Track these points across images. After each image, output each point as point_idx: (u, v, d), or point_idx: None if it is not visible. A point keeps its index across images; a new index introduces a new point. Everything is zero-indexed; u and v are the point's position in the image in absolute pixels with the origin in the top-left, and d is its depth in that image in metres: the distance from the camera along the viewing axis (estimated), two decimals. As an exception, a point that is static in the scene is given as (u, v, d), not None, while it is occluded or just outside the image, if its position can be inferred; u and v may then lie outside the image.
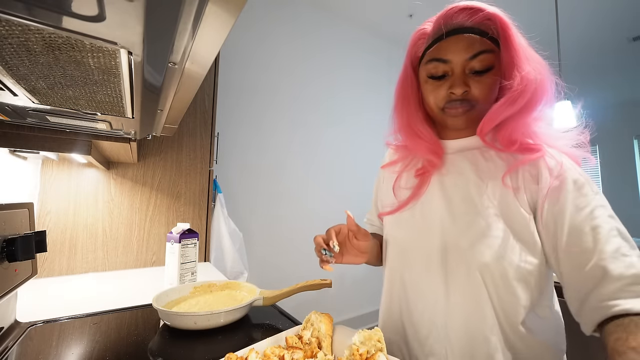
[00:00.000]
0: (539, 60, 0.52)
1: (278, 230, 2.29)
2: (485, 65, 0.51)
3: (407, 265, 0.61)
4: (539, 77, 0.49)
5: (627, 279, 0.41)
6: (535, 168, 0.51)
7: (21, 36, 0.31)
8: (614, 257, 0.43)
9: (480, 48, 0.50)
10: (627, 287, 0.41)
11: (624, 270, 0.41)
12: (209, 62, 0.41)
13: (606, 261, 0.43)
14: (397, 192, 0.66)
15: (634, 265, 0.42)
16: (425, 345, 0.57)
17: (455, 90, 0.52)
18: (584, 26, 2.78)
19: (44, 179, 1.13)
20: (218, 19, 0.30)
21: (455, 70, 0.53)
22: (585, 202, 0.46)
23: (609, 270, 0.42)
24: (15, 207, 0.62)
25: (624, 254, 0.43)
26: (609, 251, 0.43)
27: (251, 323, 0.72)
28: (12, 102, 0.53)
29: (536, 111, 0.51)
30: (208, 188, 1.50)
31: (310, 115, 2.51)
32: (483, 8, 0.51)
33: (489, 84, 0.51)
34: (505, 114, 0.50)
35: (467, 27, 0.51)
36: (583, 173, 0.50)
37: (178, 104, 0.60)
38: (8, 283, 0.58)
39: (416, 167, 0.64)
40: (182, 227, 0.98)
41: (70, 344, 0.62)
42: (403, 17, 2.75)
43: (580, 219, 0.46)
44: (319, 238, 0.61)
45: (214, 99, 1.54)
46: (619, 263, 0.42)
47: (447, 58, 0.53)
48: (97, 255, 1.21)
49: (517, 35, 0.51)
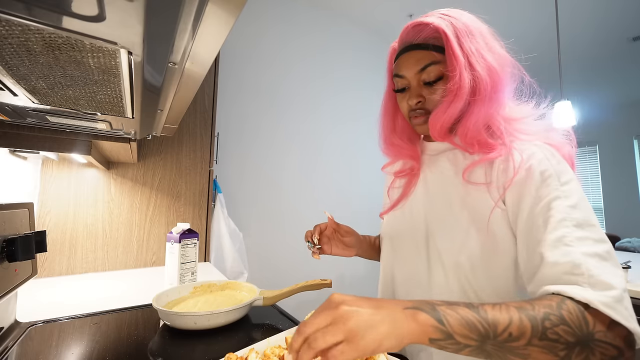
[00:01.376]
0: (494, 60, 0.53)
1: (278, 230, 2.29)
2: (434, 76, 0.55)
3: (397, 260, 0.67)
4: (476, 83, 0.51)
5: (562, 267, 0.41)
6: (506, 162, 0.52)
7: (21, 36, 0.31)
8: (554, 246, 0.42)
9: (427, 61, 0.55)
10: (562, 276, 0.40)
11: (559, 258, 0.41)
12: (209, 62, 0.41)
13: (545, 248, 0.43)
14: (390, 192, 0.74)
15: (571, 254, 0.40)
16: None
17: (411, 102, 0.58)
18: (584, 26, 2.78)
19: (44, 179, 1.13)
20: (218, 19, 0.30)
21: (411, 83, 0.58)
22: (546, 192, 0.46)
23: (545, 258, 0.42)
24: (15, 207, 0.62)
25: (567, 243, 0.42)
26: (551, 239, 0.43)
27: (251, 323, 0.72)
28: (12, 102, 0.53)
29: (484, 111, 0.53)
30: (208, 188, 1.50)
31: (310, 115, 2.51)
32: (429, 23, 0.55)
33: (441, 92, 0.55)
34: (443, 119, 0.54)
35: (415, 44, 0.56)
36: (556, 163, 0.49)
37: (178, 104, 0.60)
38: (8, 283, 0.58)
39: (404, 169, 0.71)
40: (182, 227, 0.98)
41: (70, 344, 0.62)
42: (403, 17, 2.75)
43: (537, 210, 0.46)
44: (308, 232, 0.71)
45: (214, 99, 1.54)
46: (557, 251, 0.42)
47: (402, 74, 0.58)
48: (97, 255, 1.21)
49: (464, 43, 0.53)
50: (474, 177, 0.55)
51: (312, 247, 0.70)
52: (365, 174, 2.75)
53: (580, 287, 0.38)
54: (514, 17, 2.70)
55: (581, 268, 0.39)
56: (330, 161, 2.60)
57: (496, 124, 0.54)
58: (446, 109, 0.53)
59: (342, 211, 2.59)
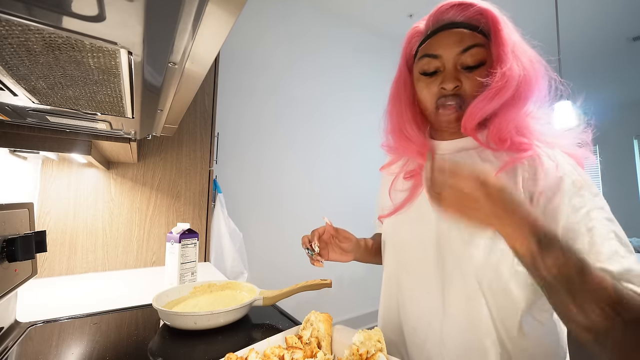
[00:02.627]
0: (532, 57, 0.51)
1: (278, 230, 2.29)
2: (476, 60, 0.50)
3: (403, 269, 0.62)
4: (523, 73, 0.48)
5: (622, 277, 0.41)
6: (532, 167, 0.50)
7: (21, 36, 0.31)
8: (611, 259, 0.42)
9: (470, 42, 0.50)
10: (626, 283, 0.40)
11: (622, 272, 0.41)
12: (209, 62, 0.41)
13: (604, 263, 0.42)
14: (392, 195, 0.67)
15: (632, 269, 0.41)
16: (423, 349, 0.57)
17: (447, 85, 0.51)
18: (584, 26, 2.78)
19: (44, 179, 1.13)
20: (218, 19, 0.30)
21: (447, 66, 0.52)
22: (582, 202, 0.45)
23: (608, 271, 0.41)
24: (15, 207, 0.62)
25: (622, 256, 0.42)
26: (606, 253, 0.42)
27: (251, 323, 0.72)
28: (12, 102, 0.53)
29: (524, 108, 0.50)
30: (208, 188, 1.50)
31: (310, 114, 2.51)
32: (474, 3, 0.51)
33: (480, 79, 0.50)
34: (485, 110, 0.49)
35: (457, 22, 0.51)
36: (583, 174, 0.48)
37: (178, 104, 0.60)
38: (8, 283, 0.58)
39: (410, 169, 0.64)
40: (182, 227, 0.98)
41: (70, 344, 0.62)
42: (403, 17, 2.75)
43: (576, 220, 0.45)
44: (305, 238, 0.68)
45: (214, 99, 1.54)
46: (617, 265, 0.41)
47: (438, 53, 0.52)
48: (97, 255, 1.21)
49: (508, 31, 0.50)
50: None
51: (311, 254, 0.66)
52: (366, 174, 2.75)
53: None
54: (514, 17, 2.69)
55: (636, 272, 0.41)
56: (330, 161, 2.60)
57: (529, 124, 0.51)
58: (490, 100, 0.48)
59: (342, 211, 2.59)
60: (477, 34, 0.50)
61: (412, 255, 0.60)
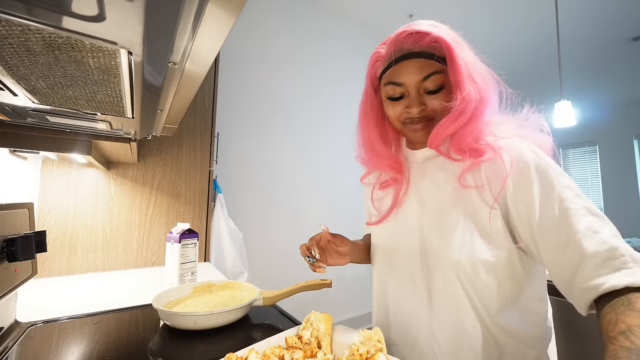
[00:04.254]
0: (485, 75, 0.56)
1: (278, 230, 2.29)
2: (436, 85, 0.55)
3: (391, 271, 0.65)
4: (479, 95, 0.53)
5: (603, 255, 0.42)
6: (496, 163, 0.53)
7: (21, 36, 0.31)
8: (587, 236, 0.44)
9: (430, 70, 0.55)
10: (605, 263, 0.42)
11: (598, 247, 0.43)
12: (209, 62, 0.41)
13: (580, 241, 0.44)
14: (376, 204, 0.72)
15: (607, 241, 0.43)
16: (415, 347, 0.59)
17: (412, 110, 0.57)
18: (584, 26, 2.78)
19: (44, 179, 1.13)
20: (218, 19, 0.30)
21: (411, 92, 0.57)
22: (550, 185, 0.48)
23: (585, 249, 0.43)
24: (15, 207, 0.62)
25: (596, 230, 0.44)
26: (581, 230, 0.44)
27: (251, 323, 0.72)
28: (12, 102, 0.53)
29: (479, 122, 0.54)
30: (208, 188, 1.50)
31: (310, 115, 2.51)
32: (429, 32, 0.55)
33: (443, 100, 0.55)
34: (449, 130, 0.54)
35: (415, 52, 0.56)
36: (543, 156, 0.52)
37: (178, 104, 0.60)
38: (8, 283, 0.58)
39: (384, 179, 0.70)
40: (182, 227, 0.98)
41: (70, 344, 0.62)
42: (403, 17, 2.75)
43: (549, 203, 0.47)
44: (303, 247, 0.69)
45: (214, 99, 1.54)
46: (592, 240, 0.43)
47: (401, 81, 0.57)
48: (97, 255, 1.21)
49: (463, 54, 0.54)
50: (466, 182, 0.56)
51: (312, 262, 0.67)
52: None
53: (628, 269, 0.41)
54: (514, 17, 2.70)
55: (620, 250, 0.42)
56: (330, 161, 2.60)
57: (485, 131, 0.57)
58: (454, 121, 0.53)
59: (342, 211, 2.59)
60: (434, 61, 0.55)
61: (400, 259, 0.63)
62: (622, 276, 0.40)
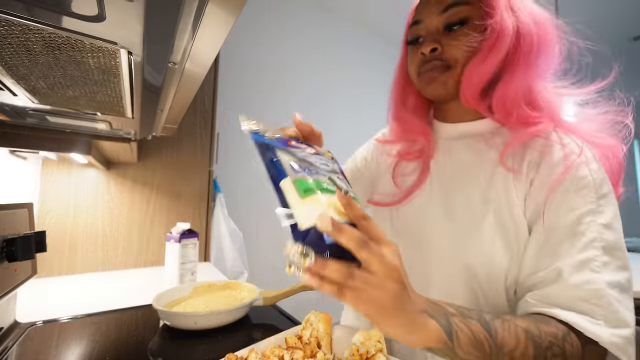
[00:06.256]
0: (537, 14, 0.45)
1: (278, 230, 2.28)
2: (457, 18, 0.45)
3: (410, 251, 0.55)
4: (519, 26, 0.43)
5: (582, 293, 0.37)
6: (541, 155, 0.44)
7: (21, 36, 0.31)
8: (579, 269, 0.38)
9: (451, 1, 0.46)
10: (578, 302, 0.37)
11: (582, 284, 0.37)
12: (209, 62, 0.41)
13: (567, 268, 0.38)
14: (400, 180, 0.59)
15: (595, 282, 0.37)
16: None
17: (424, 49, 0.47)
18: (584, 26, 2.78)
19: (44, 179, 1.13)
20: (218, 19, 0.30)
21: (428, 29, 0.48)
22: (578, 204, 0.40)
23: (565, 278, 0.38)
24: (15, 207, 0.62)
25: (593, 268, 0.37)
26: (578, 261, 0.38)
27: (251, 323, 0.72)
28: (12, 102, 0.53)
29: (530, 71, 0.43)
30: (208, 188, 1.50)
31: (310, 114, 2.50)
32: None
33: (463, 40, 0.44)
34: (481, 73, 0.44)
35: None
36: (596, 171, 0.42)
37: (178, 104, 0.60)
38: (8, 283, 0.58)
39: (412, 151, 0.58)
40: (182, 227, 0.98)
41: (70, 344, 0.62)
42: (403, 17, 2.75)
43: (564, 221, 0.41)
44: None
45: (214, 99, 1.54)
46: (581, 275, 0.37)
47: (420, 18, 0.49)
48: (97, 255, 1.21)
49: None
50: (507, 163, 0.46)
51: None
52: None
53: (593, 319, 0.36)
54: (514, 17, 2.70)
55: (602, 300, 0.36)
56: (330, 161, 2.60)
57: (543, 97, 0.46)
58: (484, 60, 0.43)
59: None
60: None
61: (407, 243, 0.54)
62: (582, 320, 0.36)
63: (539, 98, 0.46)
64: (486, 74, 0.44)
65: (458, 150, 0.52)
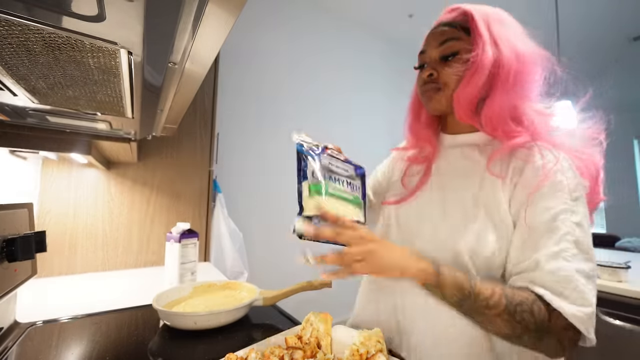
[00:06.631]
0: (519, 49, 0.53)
1: (278, 230, 2.29)
2: (448, 51, 0.55)
3: None
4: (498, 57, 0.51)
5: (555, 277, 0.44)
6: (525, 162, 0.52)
7: (21, 36, 0.31)
8: (553, 258, 0.45)
9: (447, 36, 0.56)
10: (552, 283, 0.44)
11: (556, 270, 0.44)
12: (209, 62, 0.41)
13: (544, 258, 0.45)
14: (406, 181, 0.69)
15: (566, 269, 0.44)
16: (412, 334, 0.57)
17: (424, 74, 0.58)
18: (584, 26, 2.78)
19: (44, 179, 1.13)
20: (218, 19, 0.30)
21: (430, 58, 0.59)
22: (554, 204, 0.47)
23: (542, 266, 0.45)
24: (15, 207, 0.62)
25: (565, 258, 0.45)
26: (553, 252, 0.45)
27: (251, 323, 0.72)
28: (12, 102, 0.53)
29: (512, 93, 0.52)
30: (208, 188, 1.49)
31: (310, 114, 2.51)
32: (460, 6, 0.57)
33: (456, 68, 0.54)
34: (467, 94, 0.53)
35: (442, 23, 0.58)
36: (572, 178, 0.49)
37: (178, 104, 0.60)
38: (8, 283, 0.58)
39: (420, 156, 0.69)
40: (182, 227, 0.98)
41: (70, 344, 0.62)
42: (403, 17, 2.75)
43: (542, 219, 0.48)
44: None
45: (214, 99, 1.54)
46: (555, 263, 0.45)
47: (424, 49, 0.60)
48: (97, 255, 1.21)
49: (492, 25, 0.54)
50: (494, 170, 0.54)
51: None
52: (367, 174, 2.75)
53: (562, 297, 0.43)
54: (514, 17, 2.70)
55: (571, 284, 0.44)
56: (330, 161, 2.60)
57: (527, 115, 0.54)
58: (467, 84, 0.52)
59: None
60: (455, 29, 0.55)
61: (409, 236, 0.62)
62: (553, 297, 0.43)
63: (523, 116, 0.54)
64: (470, 95, 0.53)
65: (455, 157, 0.62)
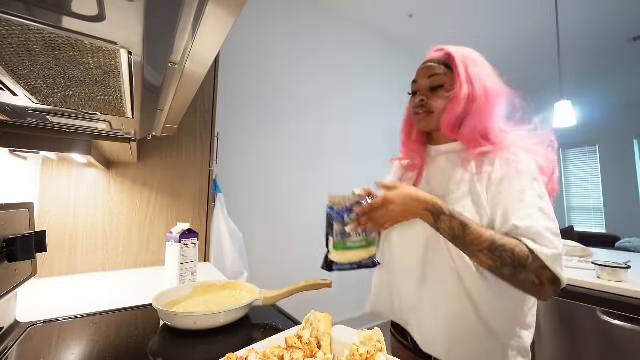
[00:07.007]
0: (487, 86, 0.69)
1: (278, 230, 2.29)
2: (436, 83, 0.72)
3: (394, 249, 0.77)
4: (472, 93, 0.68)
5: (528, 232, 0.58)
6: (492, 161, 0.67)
7: (21, 36, 0.31)
8: (525, 219, 0.59)
9: (434, 72, 0.72)
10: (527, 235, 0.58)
11: (528, 227, 0.58)
12: (209, 62, 0.41)
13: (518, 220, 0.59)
14: None
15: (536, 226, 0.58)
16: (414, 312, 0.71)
17: (416, 99, 0.74)
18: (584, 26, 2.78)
19: (44, 179, 1.13)
20: (218, 19, 0.30)
21: (421, 87, 0.75)
22: (519, 185, 0.62)
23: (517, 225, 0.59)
24: (15, 207, 0.62)
25: (534, 218, 0.59)
26: (523, 215, 0.59)
27: (251, 323, 0.72)
28: (12, 102, 0.53)
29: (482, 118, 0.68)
30: (208, 188, 1.50)
31: (310, 115, 2.51)
32: (444, 48, 0.74)
33: (441, 97, 0.71)
34: (450, 119, 0.70)
35: (431, 59, 0.74)
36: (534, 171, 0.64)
37: (178, 104, 0.60)
38: (8, 283, 0.58)
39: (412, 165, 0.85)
40: (182, 227, 0.98)
41: (70, 344, 0.62)
42: (403, 17, 2.76)
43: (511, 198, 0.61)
44: None
45: (214, 99, 1.54)
46: (527, 222, 0.58)
47: (416, 79, 0.76)
48: (97, 255, 1.21)
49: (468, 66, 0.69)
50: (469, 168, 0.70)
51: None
52: (367, 174, 2.75)
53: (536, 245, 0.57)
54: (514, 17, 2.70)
55: (542, 235, 0.57)
56: (330, 161, 2.60)
57: (493, 133, 0.70)
58: (450, 110, 0.70)
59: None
60: (441, 66, 0.72)
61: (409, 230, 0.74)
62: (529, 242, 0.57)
63: (491, 134, 0.70)
64: (452, 120, 0.70)
65: (440, 162, 0.77)
